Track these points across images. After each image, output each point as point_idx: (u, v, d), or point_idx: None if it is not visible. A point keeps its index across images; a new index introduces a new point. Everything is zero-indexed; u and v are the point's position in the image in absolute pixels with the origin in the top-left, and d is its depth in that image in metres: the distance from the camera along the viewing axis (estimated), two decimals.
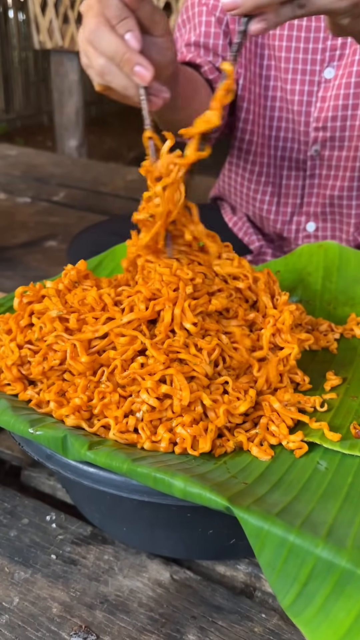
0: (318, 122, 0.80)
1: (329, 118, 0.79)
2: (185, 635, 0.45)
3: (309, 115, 0.81)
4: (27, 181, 1.73)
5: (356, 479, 0.40)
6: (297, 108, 0.81)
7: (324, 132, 0.80)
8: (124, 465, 0.38)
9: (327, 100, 0.78)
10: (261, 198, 0.91)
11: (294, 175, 0.87)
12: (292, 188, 0.88)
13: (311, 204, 0.87)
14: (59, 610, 0.46)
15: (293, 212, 0.89)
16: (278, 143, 0.86)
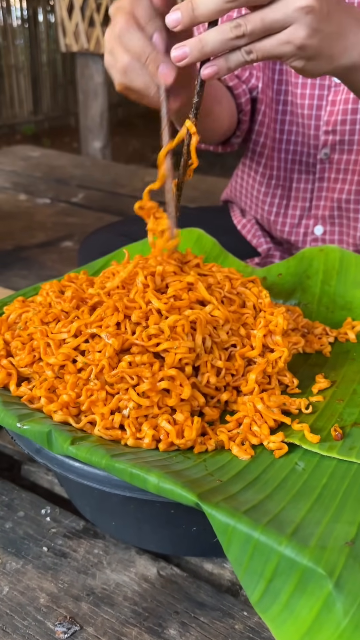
0: (328, 126, 0.81)
1: (339, 122, 0.79)
2: (166, 629, 0.46)
3: (319, 119, 0.82)
4: (47, 182, 1.76)
5: (330, 480, 0.40)
6: (308, 112, 0.82)
7: (334, 135, 0.81)
8: (102, 461, 0.40)
9: (337, 104, 0.79)
10: (270, 201, 0.92)
11: (304, 178, 0.88)
12: (301, 191, 0.89)
13: (320, 207, 0.87)
14: (46, 600, 0.48)
15: (302, 215, 0.90)
16: (289, 147, 0.87)
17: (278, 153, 0.88)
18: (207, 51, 0.46)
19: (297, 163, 0.87)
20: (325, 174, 0.85)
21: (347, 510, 0.37)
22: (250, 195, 0.95)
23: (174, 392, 0.45)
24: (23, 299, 0.57)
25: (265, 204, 0.92)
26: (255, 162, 0.91)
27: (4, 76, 4.39)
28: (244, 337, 0.53)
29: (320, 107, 0.80)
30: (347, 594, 0.32)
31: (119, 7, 0.52)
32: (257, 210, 0.95)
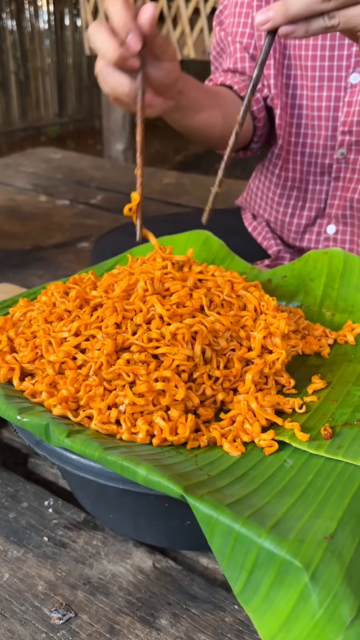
0: (345, 126, 0.83)
1: (355, 122, 0.81)
2: (158, 619, 0.47)
3: (336, 120, 0.83)
4: (67, 184, 1.79)
5: (316, 478, 0.41)
6: (325, 114, 0.84)
7: (350, 135, 0.83)
8: (95, 453, 0.41)
9: (353, 104, 0.81)
10: (286, 202, 0.93)
11: (319, 180, 0.89)
12: (317, 192, 0.90)
13: (333, 206, 0.89)
14: (44, 588, 0.50)
15: (316, 215, 0.92)
16: (305, 149, 0.88)
17: (294, 156, 0.90)
18: (291, 14, 0.46)
19: (312, 165, 0.89)
20: (340, 174, 0.86)
21: (329, 506, 0.38)
22: (266, 198, 0.96)
23: (168, 392, 0.47)
24: (28, 300, 0.59)
25: (280, 206, 0.94)
26: (272, 164, 0.93)
27: (30, 79, 4.46)
28: (243, 339, 0.54)
29: (337, 108, 0.82)
30: (322, 586, 0.33)
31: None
32: (271, 212, 0.96)
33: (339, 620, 0.33)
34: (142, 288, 0.53)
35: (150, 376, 0.47)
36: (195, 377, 0.50)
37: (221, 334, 0.53)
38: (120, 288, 0.54)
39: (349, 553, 0.35)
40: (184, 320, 0.51)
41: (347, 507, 0.38)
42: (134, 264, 0.60)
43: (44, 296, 0.58)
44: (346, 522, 0.37)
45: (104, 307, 0.52)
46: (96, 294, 0.55)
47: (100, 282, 0.59)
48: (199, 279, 0.58)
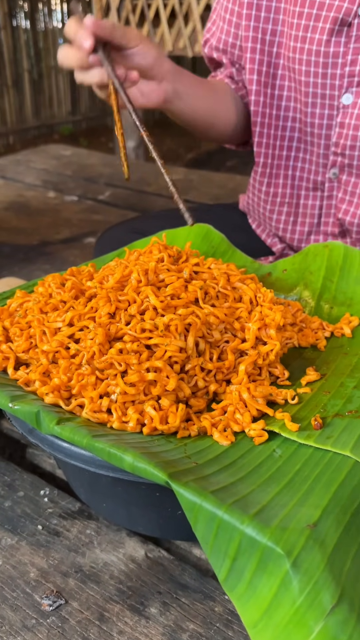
0: (337, 148, 0.80)
1: (348, 146, 0.78)
2: (147, 607, 0.47)
3: (329, 139, 0.80)
4: (76, 180, 1.80)
5: (304, 467, 0.41)
6: (317, 131, 0.80)
7: (343, 158, 0.80)
8: (84, 440, 0.41)
9: (345, 127, 0.78)
10: (277, 218, 0.91)
11: (312, 195, 0.87)
12: (309, 208, 0.88)
13: (328, 224, 0.86)
14: (36, 575, 0.50)
15: (310, 231, 0.89)
16: (297, 164, 0.86)
17: (285, 170, 0.87)
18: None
19: (304, 180, 0.86)
20: (333, 193, 0.84)
21: (314, 495, 0.38)
22: (257, 212, 0.95)
23: (159, 382, 0.47)
24: (25, 292, 0.60)
25: (272, 220, 0.92)
26: (258, 182, 0.90)
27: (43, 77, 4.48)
28: (237, 331, 0.54)
29: (330, 126, 0.79)
30: (303, 573, 0.33)
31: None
32: (267, 225, 0.95)
33: (319, 607, 0.32)
34: (136, 279, 0.54)
35: (142, 366, 0.47)
36: (187, 369, 0.50)
37: (215, 326, 0.53)
38: (114, 279, 0.54)
39: (332, 541, 0.35)
40: (178, 312, 0.51)
41: (333, 496, 0.37)
42: (131, 257, 0.60)
43: (41, 287, 0.59)
44: (330, 511, 0.36)
45: (97, 298, 0.52)
46: (91, 284, 0.55)
47: (96, 274, 0.59)
48: (195, 271, 0.58)
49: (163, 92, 0.74)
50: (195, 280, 0.56)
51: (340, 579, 0.33)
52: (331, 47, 0.74)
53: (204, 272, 0.58)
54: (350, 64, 0.74)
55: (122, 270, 0.55)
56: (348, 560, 0.35)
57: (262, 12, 0.80)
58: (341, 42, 0.73)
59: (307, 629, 0.32)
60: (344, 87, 0.76)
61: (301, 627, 0.32)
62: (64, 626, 0.46)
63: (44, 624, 0.46)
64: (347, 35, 0.72)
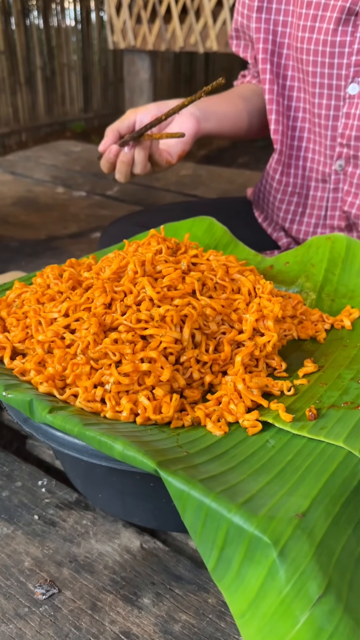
0: (343, 139, 0.79)
1: (353, 137, 0.78)
2: (140, 598, 0.47)
3: (335, 130, 0.80)
4: (85, 176, 1.80)
5: (296, 457, 0.40)
6: (324, 122, 0.80)
7: (349, 149, 0.79)
8: (75, 428, 0.41)
9: (351, 117, 0.77)
10: (286, 208, 0.91)
11: (320, 187, 0.87)
12: (317, 200, 0.88)
13: (335, 217, 0.86)
14: (31, 564, 0.50)
15: (317, 223, 0.89)
16: (307, 154, 0.86)
17: (296, 161, 0.88)
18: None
19: (314, 171, 0.86)
20: (339, 185, 0.84)
21: (305, 485, 0.37)
22: (267, 201, 0.95)
23: (153, 373, 0.47)
24: (24, 283, 0.60)
25: (280, 211, 0.92)
26: (273, 169, 0.91)
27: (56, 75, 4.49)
28: (235, 322, 0.54)
29: (336, 117, 0.78)
30: (290, 562, 0.33)
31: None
32: (274, 217, 0.95)
33: (305, 596, 0.32)
34: (132, 270, 0.53)
35: (136, 356, 0.47)
36: (182, 360, 0.49)
37: (212, 318, 0.52)
38: (110, 270, 0.54)
39: (321, 531, 0.34)
40: (174, 303, 0.51)
41: (323, 486, 0.37)
42: (129, 248, 0.60)
43: (39, 278, 0.59)
44: (320, 501, 0.36)
45: (93, 288, 0.52)
46: (87, 275, 0.55)
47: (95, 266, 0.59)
48: (193, 263, 0.57)
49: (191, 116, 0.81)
50: (193, 271, 0.56)
51: (328, 570, 0.33)
52: (338, 36, 0.73)
53: (202, 263, 0.58)
54: (356, 53, 0.73)
55: (119, 262, 0.55)
56: (337, 550, 0.34)
57: (273, 4, 0.80)
58: (348, 31, 0.73)
59: (293, 619, 0.32)
60: (350, 77, 0.75)
61: (287, 617, 0.32)
62: (56, 615, 0.46)
63: (36, 613, 0.46)
64: (354, 25, 0.72)
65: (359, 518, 0.37)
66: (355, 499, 0.37)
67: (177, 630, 0.45)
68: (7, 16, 4.05)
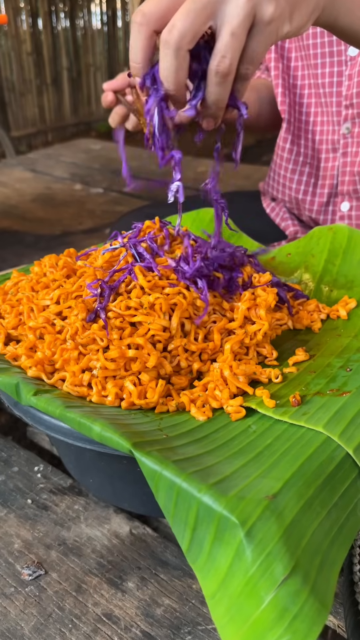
0: (347, 100, 0.82)
1: (354, 94, 0.79)
2: (125, 582, 0.48)
3: (340, 95, 0.82)
4: (103, 173, 1.81)
5: (275, 442, 0.40)
6: (329, 90, 0.83)
7: (352, 108, 0.82)
8: (57, 410, 0.42)
9: (353, 77, 0.80)
10: (298, 179, 0.92)
11: (331, 157, 0.88)
12: (329, 170, 0.89)
13: (345, 183, 0.87)
14: (20, 546, 0.51)
15: (330, 192, 0.90)
16: (316, 127, 0.87)
17: (305, 133, 0.89)
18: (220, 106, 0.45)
19: (324, 142, 0.87)
20: (348, 149, 0.85)
21: (279, 468, 0.37)
22: (280, 177, 0.95)
23: (139, 359, 0.47)
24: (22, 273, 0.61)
25: (293, 182, 0.93)
26: (282, 139, 0.93)
27: (82, 75, 4.53)
28: (227, 311, 0.54)
29: (340, 83, 0.81)
30: (257, 543, 0.33)
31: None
32: (287, 192, 0.95)
33: (271, 577, 0.32)
34: (125, 259, 0.54)
35: (123, 342, 0.48)
36: (170, 349, 0.49)
37: (202, 307, 0.52)
38: (103, 258, 0.55)
39: (291, 513, 0.34)
40: (165, 292, 0.51)
41: (297, 470, 0.37)
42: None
43: (37, 267, 0.60)
44: (293, 484, 0.36)
45: (84, 276, 0.53)
46: (80, 264, 0.56)
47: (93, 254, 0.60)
48: None
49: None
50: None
51: (295, 552, 0.33)
52: None
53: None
54: None
55: (112, 251, 0.55)
56: (307, 533, 0.34)
57: None
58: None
59: (259, 599, 0.32)
60: None
61: (253, 597, 0.32)
62: (41, 595, 0.46)
63: (22, 593, 0.46)
64: None
65: (334, 502, 0.36)
66: (330, 483, 0.37)
67: (158, 613, 0.45)
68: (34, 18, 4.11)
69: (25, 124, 4.23)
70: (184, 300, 0.50)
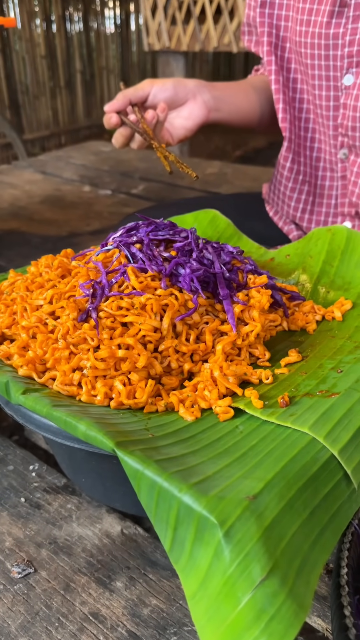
0: (342, 129, 0.80)
1: (349, 127, 0.78)
2: (114, 581, 0.48)
3: (336, 120, 0.81)
4: (112, 175, 1.82)
5: (260, 442, 0.40)
6: (326, 113, 0.81)
7: (348, 139, 0.80)
8: (44, 409, 0.42)
9: (348, 108, 0.78)
10: (297, 197, 0.91)
11: (329, 176, 0.87)
12: (327, 189, 0.88)
13: (345, 205, 0.86)
14: (11, 544, 0.51)
15: (328, 212, 0.89)
16: (313, 144, 0.87)
17: (304, 150, 0.88)
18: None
19: (322, 160, 0.87)
20: (346, 173, 0.84)
21: (262, 468, 0.37)
22: (279, 192, 0.95)
23: (129, 359, 0.47)
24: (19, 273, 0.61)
25: (292, 201, 0.92)
26: (283, 157, 0.92)
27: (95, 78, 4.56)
28: (219, 312, 0.54)
29: (337, 107, 0.79)
30: (235, 543, 0.32)
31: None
32: (284, 208, 0.95)
33: (249, 578, 0.32)
34: (118, 260, 0.54)
35: (113, 342, 0.48)
36: (161, 349, 0.49)
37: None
38: (97, 259, 0.55)
39: (271, 514, 0.34)
40: (157, 293, 0.51)
41: (280, 471, 0.36)
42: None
43: (33, 267, 0.60)
44: (274, 485, 0.35)
45: (77, 276, 0.53)
46: (75, 264, 0.56)
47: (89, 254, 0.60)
48: None
49: (203, 104, 0.81)
50: None
51: (274, 553, 0.33)
52: (332, 28, 0.73)
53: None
54: (348, 45, 0.73)
55: (106, 252, 0.56)
56: (288, 535, 0.34)
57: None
58: (341, 23, 0.73)
59: (236, 599, 0.32)
60: (344, 68, 0.75)
61: (230, 597, 0.32)
62: (29, 593, 0.46)
63: (10, 590, 0.47)
64: (346, 17, 0.72)
65: (317, 503, 0.36)
66: (314, 485, 0.37)
67: (145, 613, 0.45)
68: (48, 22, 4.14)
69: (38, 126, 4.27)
70: (175, 302, 0.50)
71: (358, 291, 0.61)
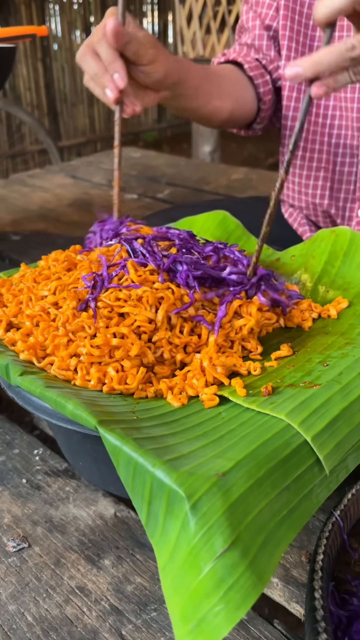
0: None
1: None
2: (102, 559, 0.50)
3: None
4: (140, 180, 1.86)
5: (238, 427, 0.42)
6: (350, 95, 0.82)
7: None
8: (37, 390, 0.45)
9: None
10: (314, 184, 0.92)
11: (348, 162, 0.88)
12: (345, 174, 0.89)
13: None
14: (9, 520, 0.54)
15: (346, 198, 0.90)
16: (332, 131, 0.87)
17: (321, 136, 0.88)
18: (320, 70, 0.49)
19: (341, 146, 0.87)
20: None
21: (235, 450, 0.39)
22: (293, 184, 0.96)
23: (122, 347, 0.49)
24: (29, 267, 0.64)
25: (309, 188, 0.93)
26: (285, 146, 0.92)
27: None
28: (216, 306, 0.55)
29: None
30: (201, 516, 0.34)
31: (86, 43, 0.64)
32: (302, 198, 0.95)
33: (211, 549, 0.33)
34: (119, 255, 0.56)
35: (109, 330, 0.50)
36: (154, 340, 0.52)
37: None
38: (100, 252, 0.57)
39: (238, 491, 0.36)
40: (154, 286, 0.53)
41: (252, 452, 0.38)
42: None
43: (43, 261, 0.63)
44: (244, 464, 0.37)
45: (80, 268, 0.56)
46: (79, 258, 0.59)
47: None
48: None
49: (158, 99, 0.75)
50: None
51: (238, 527, 0.34)
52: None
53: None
54: None
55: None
56: (253, 511, 0.35)
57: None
58: None
59: (198, 569, 0.33)
60: None
61: (194, 567, 0.34)
62: (21, 566, 0.49)
63: (4, 562, 0.49)
64: None
65: (286, 485, 0.38)
66: (284, 467, 0.38)
67: (129, 590, 0.47)
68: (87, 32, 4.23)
69: (75, 133, 4.36)
70: (171, 295, 0.53)
71: (356, 291, 0.62)
